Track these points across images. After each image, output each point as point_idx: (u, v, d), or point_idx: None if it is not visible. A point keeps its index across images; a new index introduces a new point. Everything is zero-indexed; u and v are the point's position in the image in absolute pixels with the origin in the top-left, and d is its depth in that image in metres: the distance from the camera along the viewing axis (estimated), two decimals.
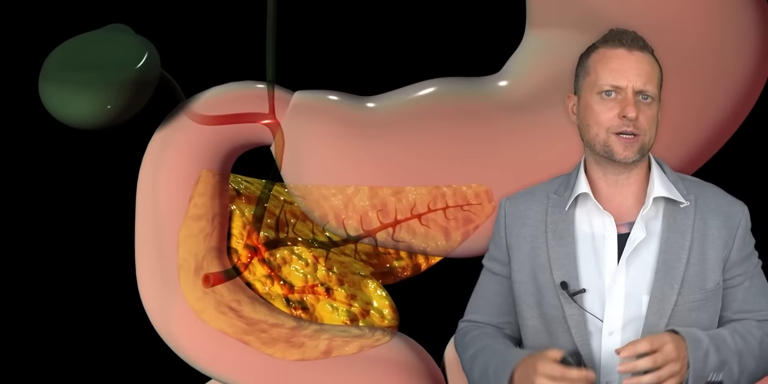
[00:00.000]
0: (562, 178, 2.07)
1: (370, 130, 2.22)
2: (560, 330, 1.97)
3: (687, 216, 1.97)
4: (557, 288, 1.96)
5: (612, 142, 1.93)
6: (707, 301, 1.97)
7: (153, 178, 2.17)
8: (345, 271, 2.29)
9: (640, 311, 1.94)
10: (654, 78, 1.96)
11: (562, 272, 1.96)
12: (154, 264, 2.18)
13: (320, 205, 2.20)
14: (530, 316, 2.02)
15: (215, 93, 2.25)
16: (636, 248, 1.95)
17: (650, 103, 1.94)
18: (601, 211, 1.97)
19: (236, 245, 2.23)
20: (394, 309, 2.29)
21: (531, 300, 2.01)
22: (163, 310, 2.17)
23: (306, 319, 2.23)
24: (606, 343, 1.94)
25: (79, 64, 2.02)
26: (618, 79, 1.93)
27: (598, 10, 2.24)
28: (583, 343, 1.94)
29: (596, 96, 1.94)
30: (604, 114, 1.93)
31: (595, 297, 1.95)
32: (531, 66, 2.32)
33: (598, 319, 1.94)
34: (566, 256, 1.97)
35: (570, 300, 1.94)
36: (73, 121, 1.99)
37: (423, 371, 2.24)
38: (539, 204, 2.04)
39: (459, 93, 2.29)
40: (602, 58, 1.96)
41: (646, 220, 1.96)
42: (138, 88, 2.03)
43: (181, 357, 2.20)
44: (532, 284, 2.01)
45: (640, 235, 1.95)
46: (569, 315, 1.95)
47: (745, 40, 2.25)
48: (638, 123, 1.91)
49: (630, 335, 1.94)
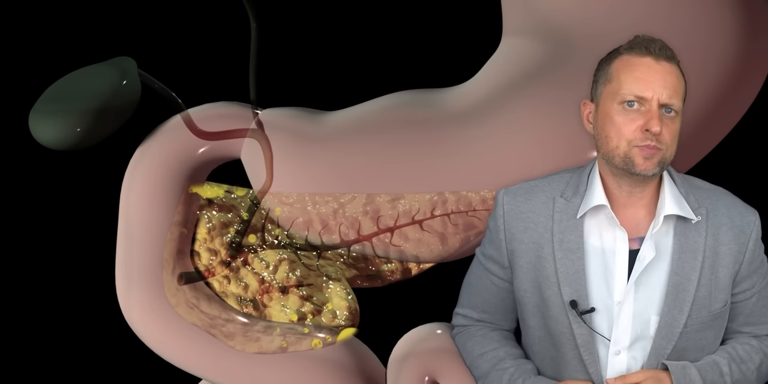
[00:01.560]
0: (567, 179, 1.98)
1: (317, 142, 2.33)
2: (567, 346, 1.93)
3: (699, 233, 1.91)
4: (566, 305, 1.90)
5: (634, 154, 1.84)
6: (715, 321, 1.94)
7: (128, 185, 2.41)
8: (310, 274, 2.38)
9: (648, 331, 1.90)
10: (680, 91, 1.87)
11: (571, 289, 1.90)
12: (122, 260, 2.41)
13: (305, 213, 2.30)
14: (535, 325, 1.99)
15: (196, 111, 2.43)
16: (646, 268, 1.89)
17: (674, 117, 1.85)
18: (614, 225, 1.89)
19: (199, 248, 2.41)
20: (353, 311, 2.35)
21: (536, 310, 1.97)
22: (125, 304, 2.41)
23: (255, 317, 2.39)
24: (612, 362, 1.92)
25: (58, 95, 2.28)
26: (643, 90, 1.83)
27: (556, 18, 2.24)
28: (591, 361, 1.91)
29: (618, 106, 1.86)
30: (627, 126, 1.84)
31: (603, 315, 1.90)
32: (485, 74, 2.34)
33: (606, 339, 1.90)
34: (575, 271, 1.90)
35: (578, 319, 1.89)
36: (47, 144, 2.27)
37: (356, 373, 2.36)
38: (544, 207, 1.96)
39: (412, 103, 2.36)
40: (627, 66, 1.87)
41: (656, 238, 1.90)
42: (105, 115, 2.26)
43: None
44: (536, 295, 1.96)
45: (650, 254, 1.89)
46: (578, 334, 1.90)
47: (714, 44, 2.22)
48: (661, 137, 1.83)
49: (636, 354, 1.91)
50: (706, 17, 2.24)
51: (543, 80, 2.27)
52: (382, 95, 2.42)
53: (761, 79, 2.35)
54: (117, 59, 2.36)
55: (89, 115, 2.24)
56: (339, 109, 2.45)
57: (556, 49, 2.27)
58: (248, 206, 2.40)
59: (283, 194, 2.33)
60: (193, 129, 2.39)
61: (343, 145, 2.32)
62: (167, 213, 2.37)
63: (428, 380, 2.29)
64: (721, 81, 2.25)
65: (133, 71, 2.30)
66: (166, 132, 2.41)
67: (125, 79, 2.28)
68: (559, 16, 2.28)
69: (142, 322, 2.39)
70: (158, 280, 2.38)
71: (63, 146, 2.26)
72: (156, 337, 2.40)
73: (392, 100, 2.38)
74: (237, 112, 2.42)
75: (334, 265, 2.39)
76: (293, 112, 2.43)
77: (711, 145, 2.37)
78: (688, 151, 2.31)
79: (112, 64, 2.34)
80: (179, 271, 2.39)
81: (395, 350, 2.40)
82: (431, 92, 2.40)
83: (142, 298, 2.38)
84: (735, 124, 2.37)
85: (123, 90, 2.28)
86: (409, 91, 2.41)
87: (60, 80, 2.32)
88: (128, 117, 2.29)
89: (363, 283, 2.42)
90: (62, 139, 2.24)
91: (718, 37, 2.25)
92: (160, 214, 2.36)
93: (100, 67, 2.34)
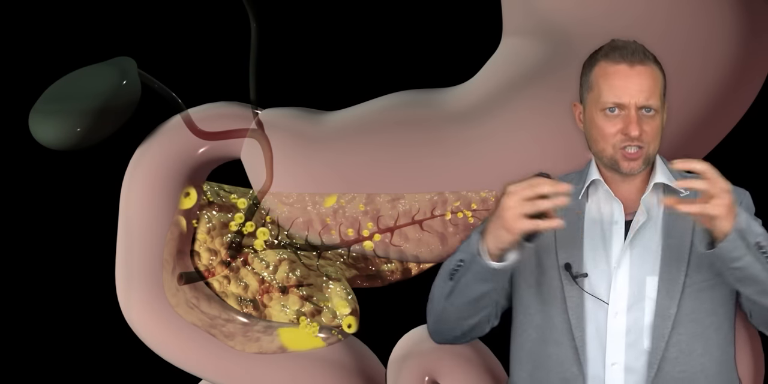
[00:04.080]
0: (574, 175, 2.08)
1: (317, 142, 2.34)
2: (557, 309, 1.99)
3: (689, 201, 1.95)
4: (560, 269, 1.99)
5: (618, 157, 1.96)
6: (719, 279, 1.96)
7: (128, 185, 2.42)
8: (310, 273, 2.38)
9: (645, 292, 1.97)
10: (657, 90, 1.96)
11: (566, 254, 1.99)
12: (122, 261, 2.43)
13: (305, 213, 2.30)
14: (525, 294, 2.04)
15: (196, 111, 2.44)
16: (640, 231, 1.98)
17: (653, 115, 1.95)
18: (611, 198, 2.00)
19: (199, 248, 2.42)
20: (354, 311, 2.35)
21: (531, 278, 2.03)
22: (125, 304, 2.43)
23: (255, 317, 2.40)
24: (611, 324, 1.97)
25: (58, 95, 2.30)
26: (620, 97, 1.94)
27: (556, 18, 2.25)
28: (578, 324, 1.97)
29: (599, 112, 1.96)
30: (608, 130, 1.95)
31: (601, 280, 1.98)
32: (484, 74, 2.34)
33: (604, 302, 1.97)
34: (572, 239, 2.00)
35: (571, 281, 1.97)
36: (47, 144, 2.29)
37: (356, 373, 2.37)
38: None
39: (412, 103, 2.37)
40: (604, 74, 1.97)
41: (648, 206, 1.99)
42: (105, 115, 2.28)
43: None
44: (534, 264, 2.02)
45: (642, 218, 1.98)
46: (568, 296, 1.98)
47: (714, 44, 2.22)
48: (643, 137, 1.94)
49: (637, 315, 1.97)
50: (706, 17, 2.25)
51: (543, 80, 2.28)
52: (382, 95, 2.43)
53: (761, 79, 2.37)
54: (117, 59, 2.37)
55: (89, 115, 2.25)
56: (339, 109, 2.46)
57: (556, 50, 2.28)
58: (248, 206, 2.41)
59: (283, 194, 2.33)
60: (193, 129, 2.40)
61: (343, 145, 2.33)
62: (167, 213, 2.38)
63: (428, 380, 2.30)
64: (721, 81, 2.27)
65: (133, 71, 2.32)
66: (166, 132, 2.42)
67: (125, 79, 2.29)
68: (559, 16, 2.29)
69: (142, 322, 2.40)
70: (158, 280, 2.39)
71: (63, 146, 2.27)
72: (156, 337, 2.40)
73: (392, 100, 2.39)
74: (237, 112, 2.43)
75: (334, 265, 2.39)
76: (293, 112, 2.44)
77: (711, 145, 2.38)
78: (688, 151, 2.31)
79: (112, 64, 2.36)
80: (179, 271, 2.40)
81: (395, 350, 2.40)
82: (431, 92, 2.41)
83: (142, 298, 2.39)
84: (735, 124, 2.38)
85: (123, 90, 2.29)
86: (409, 92, 2.43)
87: (60, 80, 2.33)
88: (128, 117, 2.30)
89: (363, 283, 2.43)
90: (62, 139, 2.25)
91: (718, 37, 2.26)
92: (160, 214, 2.37)
93: (100, 67, 2.35)
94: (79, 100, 2.26)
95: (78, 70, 2.35)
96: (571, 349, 1.98)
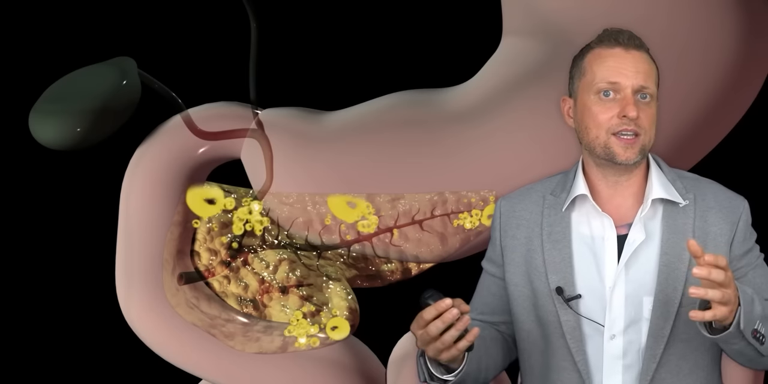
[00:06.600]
0: (559, 178, 2.03)
1: (317, 142, 2.35)
2: (555, 335, 1.95)
3: (687, 215, 1.93)
4: (552, 293, 1.93)
5: (612, 143, 1.89)
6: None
7: (128, 185, 2.43)
8: (310, 273, 2.38)
9: (642, 313, 1.91)
10: (652, 76, 1.92)
11: (557, 277, 1.93)
12: (122, 261, 2.43)
13: (305, 213, 2.31)
14: (526, 320, 2.00)
15: (196, 111, 2.44)
16: (636, 250, 1.91)
17: (649, 101, 1.90)
18: (599, 213, 1.93)
19: (199, 248, 2.42)
20: (353, 311, 2.35)
21: (527, 303, 1.99)
22: (125, 304, 2.43)
23: (255, 316, 2.41)
24: (608, 347, 1.92)
25: (58, 95, 2.30)
26: (616, 76, 1.88)
27: (556, 18, 2.25)
28: (577, 349, 1.92)
29: (594, 96, 1.91)
30: (603, 114, 1.89)
31: (594, 301, 1.92)
32: (484, 74, 2.34)
33: (599, 324, 1.91)
34: (562, 260, 1.94)
35: (565, 305, 1.92)
36: (47, 144, 2.29)
37: (356, 373, 2.38)
38: (535, 205, 2.01)
39: (412, 103, 2.37)
40: (598, 58, 1.92)
41: (644, 221, 1.93)
42: (105, 115, 2.28)
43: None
44: (527, 288, 1.98)
45: (639, 236, 1.91)
46: (564, 320, 1.93)
47: (714, 44, 2.23)
48: (639, 122, 1.87)
49: (632, 338, 1.92)
50: (706, 17, 2.25)
51: (543, 80, 2.28)
52: (382, 95, 2.43)
53: (761, 79, 2.37)
54: (117, 59, 2.37)
55: (89, 115, 2.25)
56: (339, 109, 2.46)
57: (556, 49, 2.28)
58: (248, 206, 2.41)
59: (283, 194, 2.33)
60: (193, 129, 2.39)
61: (343, 145, 2.33)
62: (167, 213, 2.38)
63: None
64: (720, 81, 2.27)
65: (133, 71, 2.31)
66: (166, 132, 2.42)
67: (125, 79, 2.29)
68: (559, 16, 2.29)
69: (142, 322, 2.40)
70: (158, 280, 2.39)
71: (63, 146, 2.27)
72: (156, 337, 2.41)
73: (392, 100, 2.39)
74: (237, 112, 2.43)
75: (334, 265, 2.39)
76: (293, 112, 2.44)
77: (711, 145, 2.38)
78: (688, 151, 2.31)
79: (112, 64, 2.35)
80: (179, 271, 2.40)
81: (395, 350, 2.40)
82: (431, 92, 2.41)
83: (142, 298, 2.39)
84: (735, 124, 2.38)
85: (123, 90, 2.29)
86: (409, 91, 2.43)
87: (60, 80, 2.33)
88: (128, 117, 2.30)
89: (363, 283, 2.43)
90: (62, 139, 2.25)
91: (718, 37, 2.26)
92: (160, 214, 2.38)
93: (100, 67, 2.35)
94: (79, 100, 2.27)
95: (78, 70, 2.35)
96: (575, 373, 1.94)
